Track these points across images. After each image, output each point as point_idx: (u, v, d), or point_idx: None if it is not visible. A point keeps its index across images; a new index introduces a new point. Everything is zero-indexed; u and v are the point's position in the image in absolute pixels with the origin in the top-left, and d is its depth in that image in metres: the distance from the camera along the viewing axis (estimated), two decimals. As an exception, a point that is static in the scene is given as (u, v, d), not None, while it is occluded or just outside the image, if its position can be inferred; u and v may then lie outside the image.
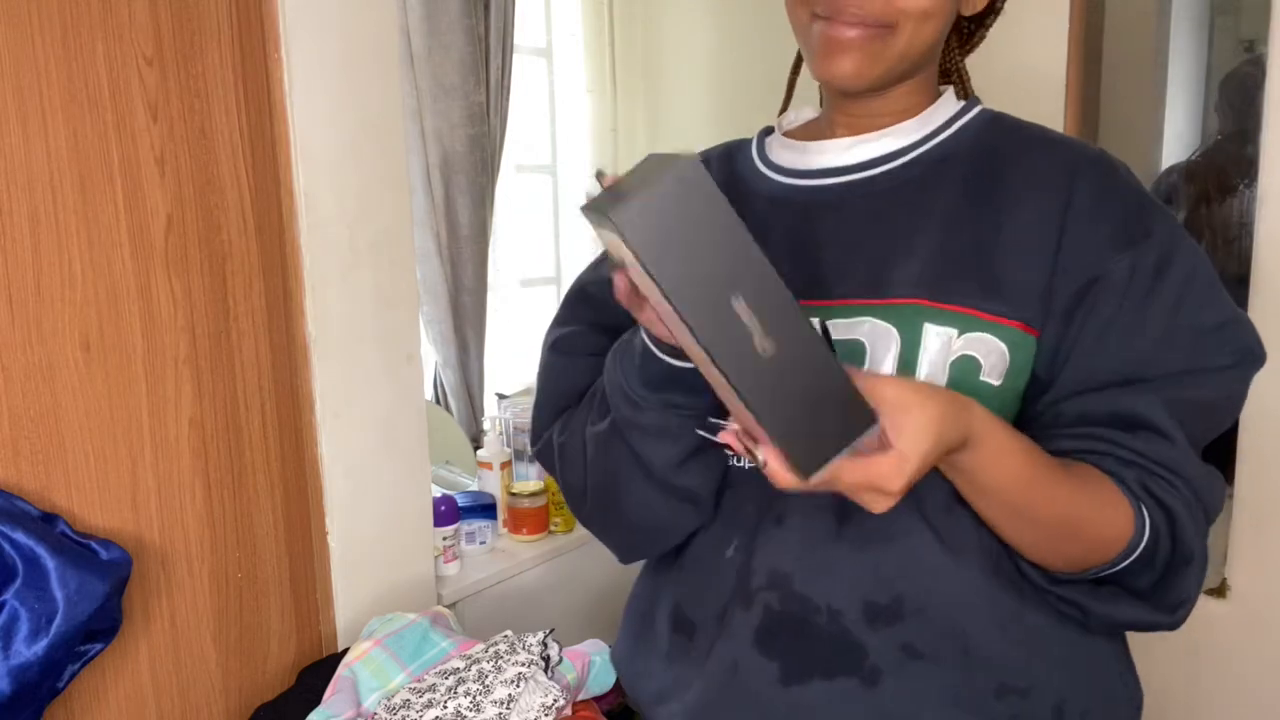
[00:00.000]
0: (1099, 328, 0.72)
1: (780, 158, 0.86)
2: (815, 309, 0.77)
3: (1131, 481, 0.70)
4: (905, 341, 0.73)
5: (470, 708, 1.06)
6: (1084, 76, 1.74)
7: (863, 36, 0.73)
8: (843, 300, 0.76)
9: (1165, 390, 0.71)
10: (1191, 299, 0.72)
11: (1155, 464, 0.70)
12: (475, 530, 1.82)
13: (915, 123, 0.80)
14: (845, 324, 0.75)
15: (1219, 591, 1.72)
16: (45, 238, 1.06)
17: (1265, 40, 1.55)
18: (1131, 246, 0.72)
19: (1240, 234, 1.62)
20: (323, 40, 1.28)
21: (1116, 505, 0.70)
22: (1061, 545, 0.71)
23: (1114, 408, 0.71)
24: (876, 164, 0.80)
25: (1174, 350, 0.72)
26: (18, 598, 0.97)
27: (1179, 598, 0.74)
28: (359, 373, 1.37)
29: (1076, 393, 0.73)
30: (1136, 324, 0.72)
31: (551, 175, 2.54)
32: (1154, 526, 0.70)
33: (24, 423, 1.06)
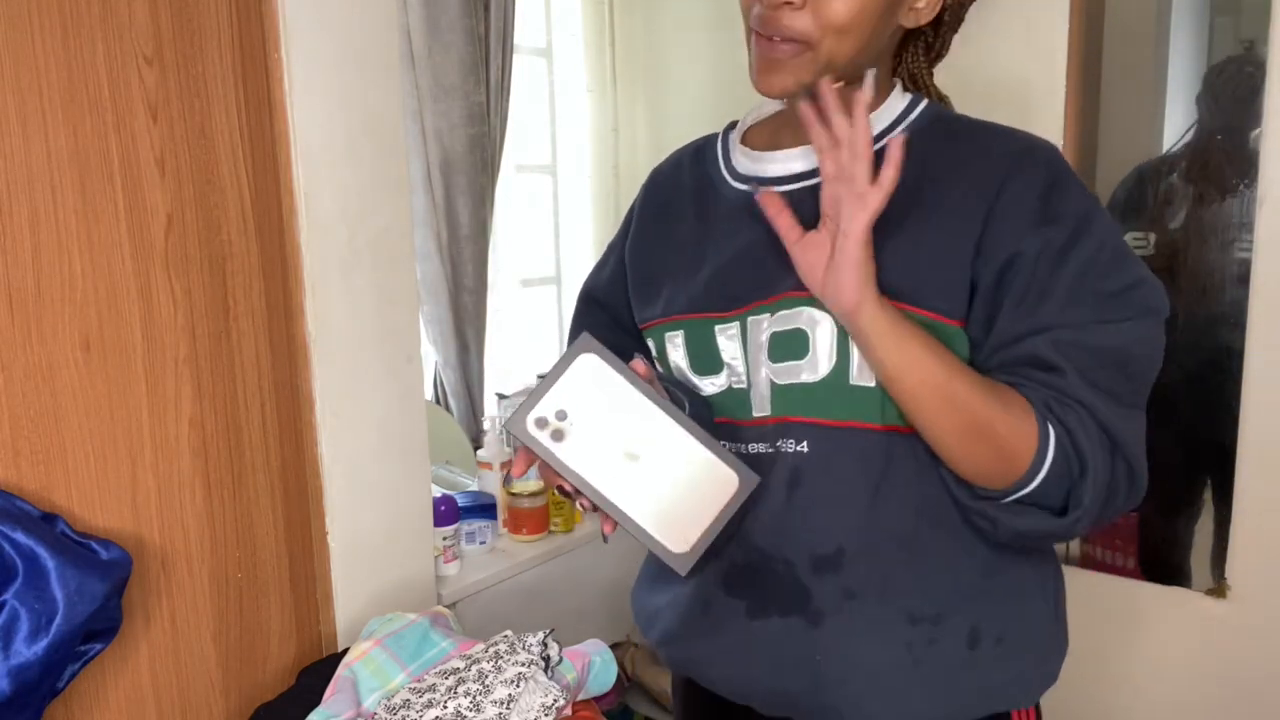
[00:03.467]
0: (1016, 297, 0.82)
1: (739, 163, 0.96)
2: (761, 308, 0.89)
3: (1037, 402, 0.80)
4: (839, 327, 0.84)
5: (470, 708, 1.06)
6: (1084, 76, 1.74)
7: (790, 51, 0.82)
8: (784, 294, 0.87)
9: (1063, 335, 0.80)
10: (1097, 270, 0.81)
11: (1055, 391, 0.80)
12: (475, 530, 1.82)
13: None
14: (787, 314, 0.87)
15: (1219, 591, 1.72)
16: (45, 238, 1.06)
17: (1265, 40, 1.55)
18: (1045, 225, 0.81)
19: (1240, 234, 1.62)
20: (323, 40, 1.28)
21: (1025, 413, 0.79)
22: (974, 444, 0.80)
23: (1022, 353, 0.81)
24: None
25: (1079, 308, 0.81)
26: (18, 598, 0.97)
27: (1076, 503, 0.81)
28: (359, 373, 1.37)
29: (996, 349, 0.83)
30: (1047, 291, 0.81)
31: (551, 175, 2.54)
32: (1058, 440, 0.79)
33: (24, 423, 1.06)
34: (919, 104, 0.91)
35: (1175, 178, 1.67)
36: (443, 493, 1.77)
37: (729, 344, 0.91)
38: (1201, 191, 1.65)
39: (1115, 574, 1.81)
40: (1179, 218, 1.68)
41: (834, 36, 0.81)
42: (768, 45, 0.83)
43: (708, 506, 0.77)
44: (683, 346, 0.94)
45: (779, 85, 0.84)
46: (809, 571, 0.89)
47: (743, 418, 0.91)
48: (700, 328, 0.93)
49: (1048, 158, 0.85)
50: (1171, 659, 1.78)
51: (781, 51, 0.82)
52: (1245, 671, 1.71)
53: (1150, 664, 1.81)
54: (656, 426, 0.77)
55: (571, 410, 0.76)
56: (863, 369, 0.85)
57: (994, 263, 0.82)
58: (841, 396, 0.86)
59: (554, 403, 0.77)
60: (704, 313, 0.93)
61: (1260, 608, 1.68)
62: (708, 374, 0.93)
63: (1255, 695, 1.71)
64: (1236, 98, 1.61)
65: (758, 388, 0.90)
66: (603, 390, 0.77)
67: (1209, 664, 1.75)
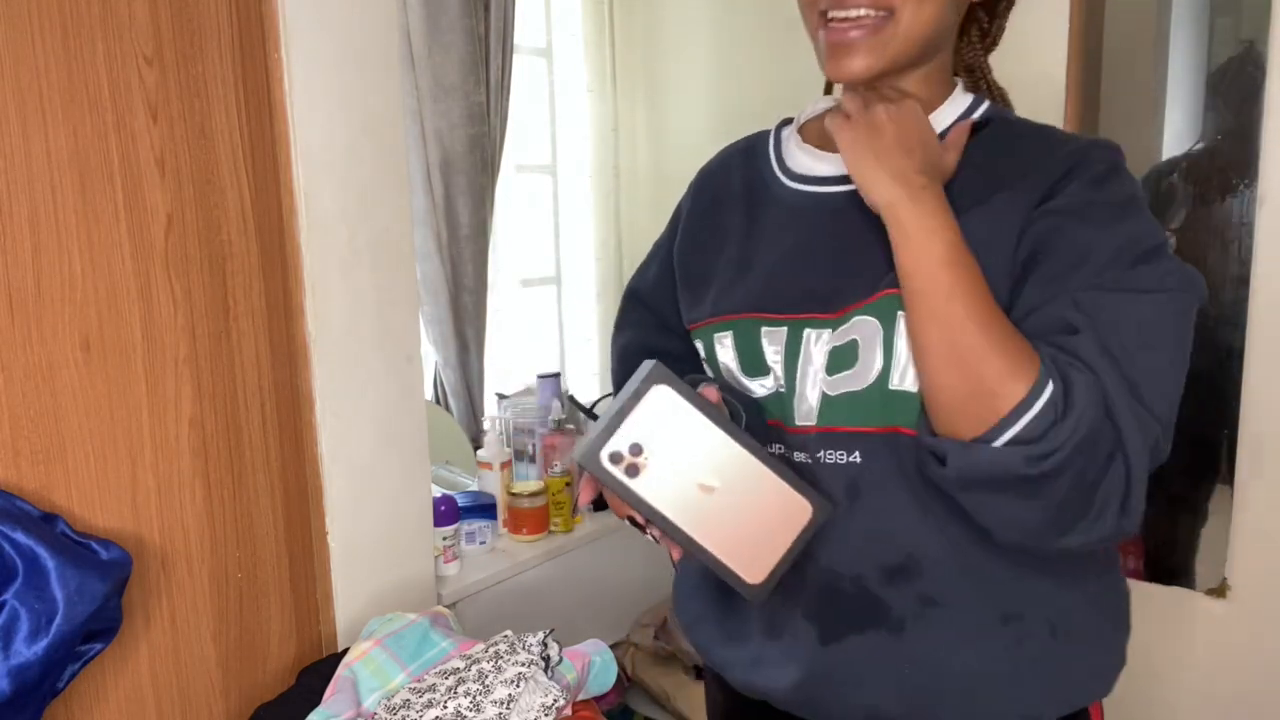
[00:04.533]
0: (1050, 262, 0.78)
1: (795, 161, 0.93)
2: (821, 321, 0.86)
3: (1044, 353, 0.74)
4: (885, 329, 0.81)
5: (470, 708, 1.06)
6: (1084, 76, 1.74)
7: (865, 33, 0.81)
8: (843, 310, 0.84)
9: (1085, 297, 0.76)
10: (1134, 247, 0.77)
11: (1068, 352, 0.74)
12: (475, 530, 1.82)
13: None
14: (844, 329, 0.84)
15: (1219, 591, 1.72)
16: (45, 238, 1.06)
17: (1265, 40, 1.55)
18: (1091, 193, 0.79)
19: (1240, 234, 1.62)
20: (323, 40, 1.28)
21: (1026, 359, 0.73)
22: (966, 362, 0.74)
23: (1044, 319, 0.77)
24: None
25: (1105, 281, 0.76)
26: (18, 598, 0.97)
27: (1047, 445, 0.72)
28: (359, 373, 1.37)
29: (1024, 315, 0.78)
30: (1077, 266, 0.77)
31: (551, 175, 2.54)
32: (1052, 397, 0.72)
33: (24, 423, 1.06)
34: (981, 104, 0.89)
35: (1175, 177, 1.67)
36: (443, 493, 1.77)
37: (771, 347, 0.89)
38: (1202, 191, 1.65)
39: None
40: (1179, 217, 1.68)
41: (915, 4, 0.80)
42: (839, 30, 0.81)
43: (782, 536, 0.77)
44: (731, 347, 0.92)
45: (857, 67, 0.82)
46: (881, 583, 0.85)
47: (788, 423, 0.88)
48: (748, 328, 0.90)
49: (1108, 151, 0.83)
50: (1171, 658, 1.78)
51: (856, 33, 0.81)
52: (1245, 671, 1.71)
53: (1150, 663, 1.81)
54: (730, 456, 0.76)
55: (645, 443, 0.75)
56: (905, 374, 0.81)
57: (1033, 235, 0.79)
58: (885, 401, 0.83)
59: (627, 436, 0.75)
60: (753, 313, 0.90)
61: (1260, 608, 1.68)
62: (756, 375, 0.90)
63: (1255, 695, 1.71)
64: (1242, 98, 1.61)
65: (803, 398, 0.87)
66: (675, 421, 0.76)
67: (1209, 664, 1.75)
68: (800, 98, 0.99)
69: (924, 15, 0.81)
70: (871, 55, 0.81)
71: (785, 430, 0.88)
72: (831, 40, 0.82)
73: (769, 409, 0.90)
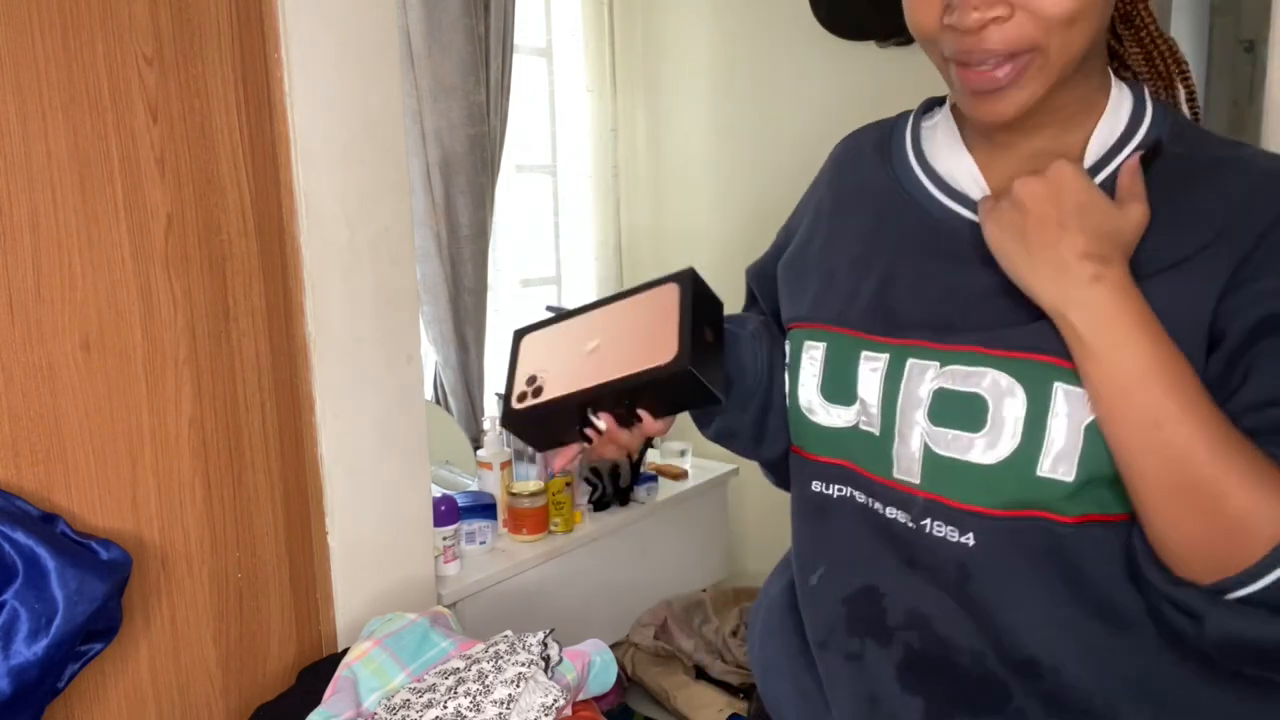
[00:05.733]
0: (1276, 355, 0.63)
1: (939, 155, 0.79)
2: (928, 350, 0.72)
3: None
4: (1033, 403, 0.67)
5: (470, 708, 1.06)
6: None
7: (1013, 72, 0.66)
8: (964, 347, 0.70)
9: None
10: None
11: None
12: (475, 530, 1.82)
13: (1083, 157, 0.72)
14: (964, 371, 0.70)
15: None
16: (45, 238, 1.06)
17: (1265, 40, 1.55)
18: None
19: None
20: (323, 40, 1.28)
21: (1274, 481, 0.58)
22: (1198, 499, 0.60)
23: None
24: None
25: None
26: (18, 598, 0.97)
27: None
28: (359, 373, 1.37)
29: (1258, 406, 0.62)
30: None
31: (551, 175, 2.54)
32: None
33: (24, 423, 1.06)
34: (1146, 108, 0.72)
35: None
36: (443, 493, 1.77)
37: (870, 376, 0.75)
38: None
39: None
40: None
41: (1062, 31, 0.64)
42: (978, 77, 0.67)
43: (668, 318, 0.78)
44: (820, 363, 0.79)
45: (1009, 112, 0.68)
46: (1002, 665, 0.70)
47: (878, 473, 0.74)
48: (844, 345, 0.78)
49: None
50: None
51: (1000, 76, 0.66)
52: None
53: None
54: (593, 321, 0.83)
55: (536, 371, 0.82)
56: (1059, 459, 0.66)
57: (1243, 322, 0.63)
58: (1024, 486, 0.68)
59: (520, 378, 0.83)
60: (854, 329, 0.77)
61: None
62: (836, 402, 0.78)
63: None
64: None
65: (905, 444, 0.73)
66: (545, 343, 0.84)
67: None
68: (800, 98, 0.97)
69: (1076, 39, 0.66)
70: (1023, 95, 0.67)
71: (877, 481, 0.75)
72: (972, 86, 0.68)
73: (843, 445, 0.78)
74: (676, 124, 2.49)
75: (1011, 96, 0.67)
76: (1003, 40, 0.65)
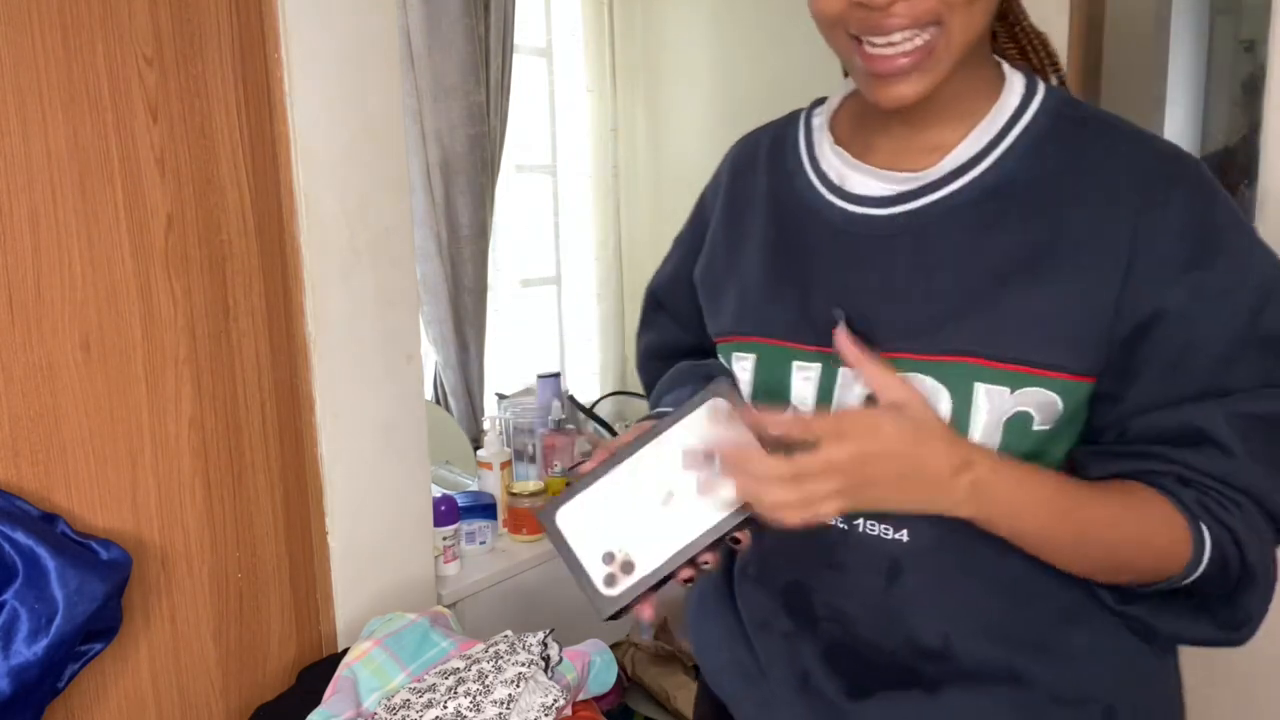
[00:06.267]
0: (1170, 352, 0.70)
1: (828, 163, 0.82)
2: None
3: (1190, 501, 0.69)
4: (957, 403, 0.71)
5: (470, 708, 1.06)
6: (1084, 77, 1.74)
7: (914, 58, 0.69)
8: (893, 354, 0.73)
9: (1233, 404, 0.69)
10: (1268, 313, 0.69)
11: (1214, 480, 0.69)
12: (475, 530, 1.82)
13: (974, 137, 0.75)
14: None
15: None
16: (45, 238, 1.06)
17: (1265, 40, 1.55)
18: (1198, 269, 0.69)
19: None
20: (323, 40, 1.28)
21: (1172, 525, 0.69)
22: (1117, 570, 0.72)
23: (1177, 422, 0.70)
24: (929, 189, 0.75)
25: (1244, 366, 0.69)
26: (18, 598, 0.97)
27: (1242, 616, 0.72)
28: (359, 373, 1.37)
29: (1143, 410, 0.71)
30: (1207, 343, 0.69)
31: (551, 175, 2.54)
32: (1216, 543, 0.69)
33: (24, 423, 1.06)
34: (1036, 95, 0.76)
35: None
36: (443, 493, 1.77)
37: (803, 385, 0.78)
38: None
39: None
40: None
41: (965, 8, 0.68)
42: (883, 59, 0.69)
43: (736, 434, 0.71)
44: (751, 372, 0.82)
45: (909, 94, 0.70)
46: (917, 658, 0.78)
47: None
48: (775, 356, 0.80)
49: (1193, 177, 0.71)
50: (1171, 659, 1.78)
51: (905, 59, 0.69)
52: (1245, 671, 1.71)
53: None
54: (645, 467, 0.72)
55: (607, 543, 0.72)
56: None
57: (1134, 316, 0.70)
58: None
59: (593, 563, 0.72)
60: (782, 340, 0.80)
61: (1260, 608, 1.67)
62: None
63: (1255, 695, 1.70)
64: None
65: None
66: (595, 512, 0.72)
67: (1209, 663, 1.74)
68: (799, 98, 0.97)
69: (976, 18, 0.69)
70: (925, 78, 0.70)
71: None
72: (877, 69, 0.70)
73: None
74: (676, 124, 2.49)
75: (914, 80, 0.69)
76: (910, 12, 0.67)
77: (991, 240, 0.73)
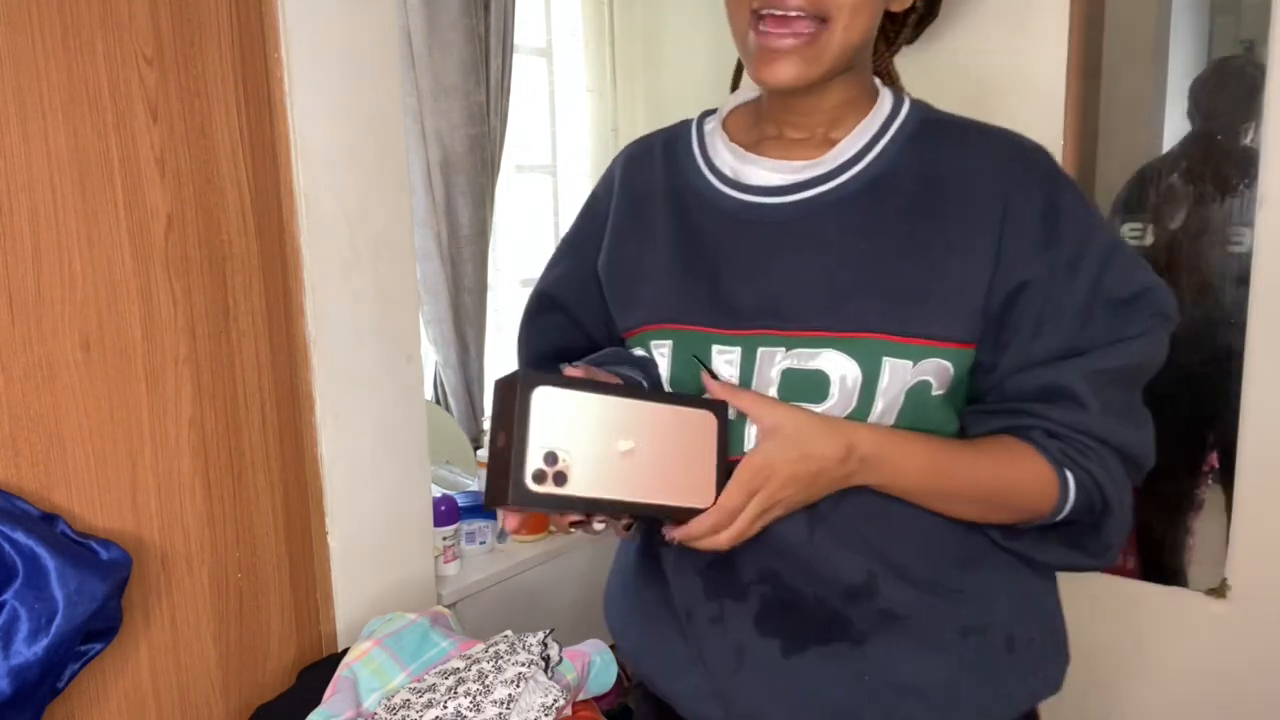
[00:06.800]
0: (1032, 319, 0.81)
1: (722, 159, 0.90)
2: (774, 339, 0.83)
3: (1055, 450, 0.81)
4: (866, 376, 0.81)
5: (470, 708, 1.06)
6: (1084, 77, 1.74)
7: (799, 41, 0.79)
8: (805, 332, 0.82)
9: (1087, 363, 0.81)
10: (1106, 282, 0.81)
11: (1075, 431, 0.81)
12: (475, 530, 1.82)
13: (856, 134, 0.86)
14: (807, 353, 0.82)
15: (1219, 591, 1.72)
16: (45, 238, 1.06)
17: (1265, 40, 1.55)
18: (1051, 245, 0.81)
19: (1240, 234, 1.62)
20: (323, 40, 1.28)
21: (1039, 473, 0.82)
22: (995, 513, 0.84)
23: (1042, 382, 0.82)
24: (820, 181, 0.85)
25: (1094, 326, 0.81)
26: (18, 598, 0.97)
27: (1104, 544, 0.85)
28: (359, 373, 1.37)
29: (1013, 372, 0.83)
30: (1062, 309, 0.81)
31: (551, 175, 2.54)
32: (1079, 485, 0.82)
33: (24, 423, 1.06)
34: (904, 103, 0.88)
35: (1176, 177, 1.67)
36: (443, 493, 1.77)
37: (726, 369, 0.85)
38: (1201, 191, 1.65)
39: (1116, 574, 1.81)
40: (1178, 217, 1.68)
41: (850, 13, 0.78)
42: (772, 36, 0.79)
43: (706, 453, 0.78)
44: (669, 357, 0.88)
45: (788, 75, 0.80)
46: (843, 600, 0.86)
47: (733, 451, 0.82)
48: (694, 340, 0.86)
49: (1043, 165, 0.84)
50: (1171, 659, 1.78)
51: (789, 40, 0.78)
52: (1245, 671, 1.71)
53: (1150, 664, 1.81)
54: (629, 413, 0.76)
55: (556, 447, 0.73)
56: (883, 416, 0.82)
57: (1003, 288, 0.81)
58: None
59: (538, 451, 0.72)
60: (698, 325, 0.87)
61: (1260, 608, 1.68)
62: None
63: (1255, 695, 1.71)
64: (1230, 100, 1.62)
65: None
66: (569, 412, 0.74)
67: (1209, 664, 1.75)
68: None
69: (859, 24, 0.80)
70: (804, 64, 0.79)
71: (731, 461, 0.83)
72: (763, 44, 0.80)
73: None
74: (676, 124, 2.49)
75: (793, 64, 0.79)
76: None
77: (882, 225, 0.83)
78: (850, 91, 0.86)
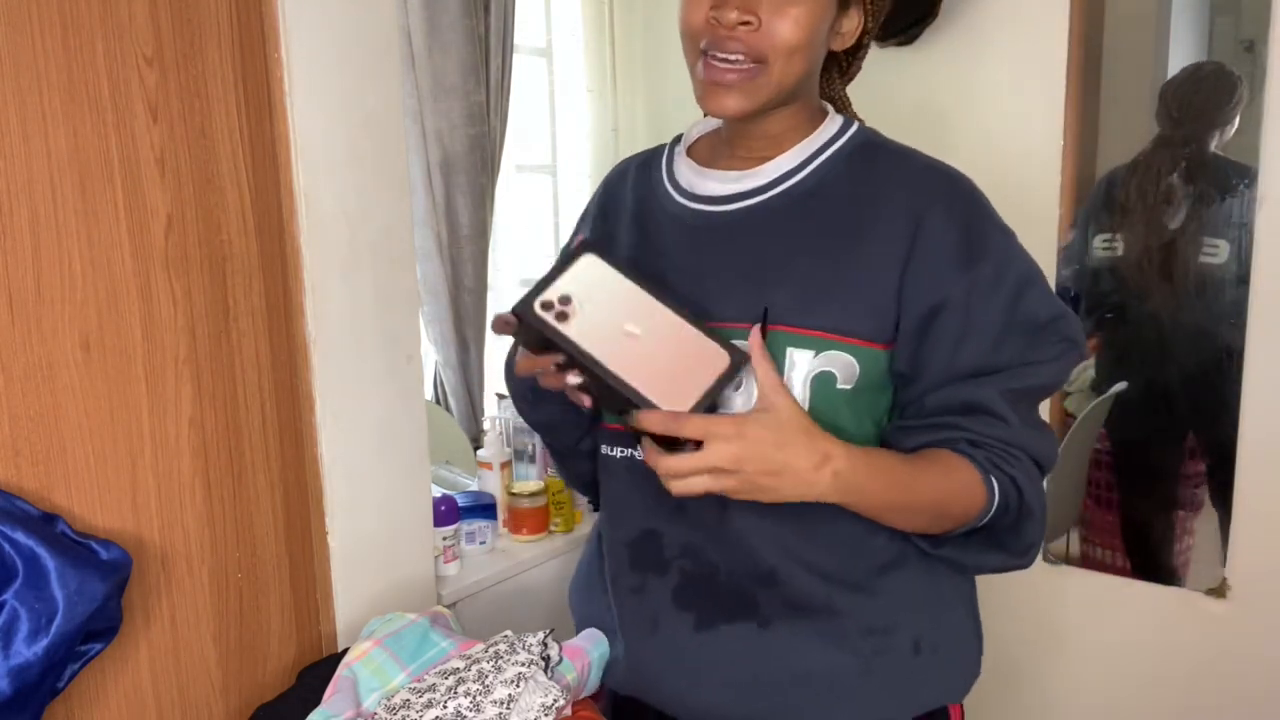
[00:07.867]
0: (951, 338, 0.88)
1: (682, 176, 1.01)
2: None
3: (981, 459, 0.88)
4: (779, 362, 0.88)
5: (470, 708, 1.06)
6: (1084, 77, 1.74)
7: (740, 77, 0.87)
8: (725, 324, 0.89)
9: (1002, 381, 0.88)
10: (1022, 306, 0.89)
11: (998, 442, 0.89)
12: (475, 530, 1.82)
13: (794, 152, 0.94)
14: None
15: (1219, 591, 1.72)
16: (45, 238, 1.06)
17: (1265, 40, 1.55)
18: (969, 266, 0.88)
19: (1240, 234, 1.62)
20: (323, 40, 1.28)
21: (972, 481, 0.88)
22: (937, 522, 0.91)
23: (962, 398, 0.89)
24: (758, 192, 0.94)
25: (1009, 347, 0.89)
26: (18, 598, 0.97)
27: (1026, 543, 0.93)
28: (359, 373, 1.37)
29: (934, 388, 0.90)
30: (979, 329, 0.88)
31: (551, 175, 2.54)
32: (1003, 492, 0.89)
33: (24, 423, 1.06)
34: (850, 128, 0.97)
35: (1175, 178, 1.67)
36: (443, 493, 1.77)
37: None
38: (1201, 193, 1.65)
39: (1115, 574, 1.81)
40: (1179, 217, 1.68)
41: (785, 57, 0.87)
42: (718, 70, 0.88)
43: (702, 378, 0.81)
44: None
45: (731, 106, 0.89)
46: (753, 583, 0.94)
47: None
48: None
49: (965, 193, 0.91)
50: (1172, 659, 1.78)
51: (733, 75, 0.87)
52: (1245, 671, 1.71)
53: (1150, 664, 1.81)
54: (653, 310, 0.82)
55: (575, 295, 0.81)
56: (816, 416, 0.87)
57: (920, 304, 0.88)
58: None
59: (558, 289, 0.82)
60: None
61: (1260, 608, 1.68)
62: None
63: (1255, 695, 1.71)
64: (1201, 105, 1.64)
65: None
66: (603, 282, 0.83)
67: (1209, 664, 1.75)
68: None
69: (794, 66, 0.88)
70: (745, 98, 0.88)
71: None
72: (710, 78, 0.89)
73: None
74: (676, 124, 2.48)
75: (734, 97, 0.88)
76: (746, 43, 0.86)
77: (803, 231, 0.92)
78: (793, 119, 0.95)
